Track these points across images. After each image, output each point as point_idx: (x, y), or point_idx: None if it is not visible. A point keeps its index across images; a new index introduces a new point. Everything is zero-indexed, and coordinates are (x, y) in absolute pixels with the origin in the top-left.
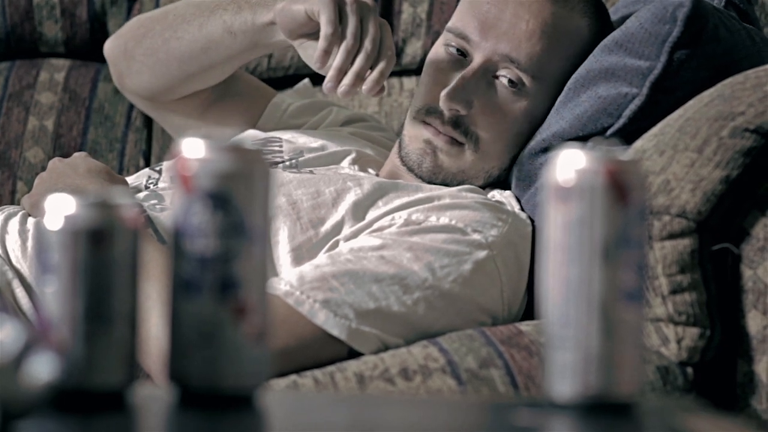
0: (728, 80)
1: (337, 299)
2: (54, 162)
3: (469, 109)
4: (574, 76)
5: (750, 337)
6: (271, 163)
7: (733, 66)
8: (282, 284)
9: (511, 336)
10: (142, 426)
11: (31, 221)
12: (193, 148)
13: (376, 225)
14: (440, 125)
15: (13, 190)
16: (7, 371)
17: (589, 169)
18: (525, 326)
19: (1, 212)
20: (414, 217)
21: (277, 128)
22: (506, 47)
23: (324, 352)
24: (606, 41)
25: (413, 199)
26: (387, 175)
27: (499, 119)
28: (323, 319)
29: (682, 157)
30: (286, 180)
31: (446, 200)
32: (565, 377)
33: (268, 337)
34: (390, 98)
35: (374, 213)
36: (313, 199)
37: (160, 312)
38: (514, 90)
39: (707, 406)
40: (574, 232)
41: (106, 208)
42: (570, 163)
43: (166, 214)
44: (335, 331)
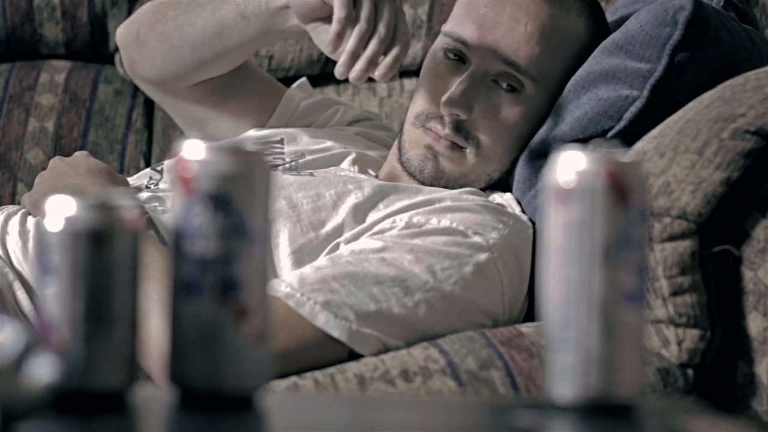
0: (728, 82)
1: (338, 301)
2: (55, 161)
3: (470, 113)
4: (574, 78)
5: (750, 338)
6: (272, 166)
7: (733, 68)
8: (283, 286)
9: (511, 337)
10: (142, 427)
11: (32, 221)
12: (194, 149)
13: (377, 228)
14: (441, 130)
15: (14, 191)
16: (7, 373)
17: (589, 171)
18: (525, 328)
19: (0, 212)
20: (415, 219)
21: (287, 126)
22: (505, 51)
23: (324, 353)
24: (606, 43)
25: (414, 201)
26: (386, 176)
27: (500, 122)
28: (324, 320)
29: (682, 159)
30: (286, 183)
31: (447, 203)
32: (566, 379)
33: (268, 338)
34: (390, 99)
35: (375, 216)
36: (313, 202)
37: (160, 312)
38: (514, 93)
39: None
40: (575, 234)
41: (106, 210)
42: (570, 165)
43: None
44: (336, 333)
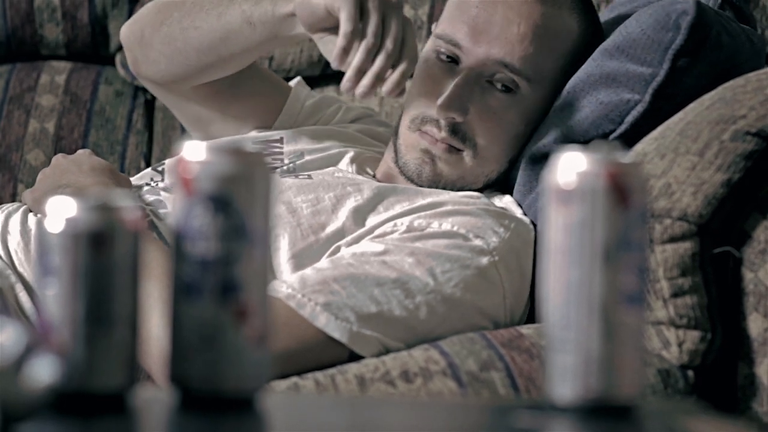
0: (729, 83)
1: (339, 302)
2: (58, 158)
3: (466, 115)
4: (573, 80)
5: (751, 339)
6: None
7: (734, 70)
8: (284, 287)
9: (511, 339)
10: (142, 429)
11: (33, 220)
12: (194, 150)
13: (378, 231)
14: (437, 133)
15: (14, 192)
16: (7, 374)
17: (590, 172)
18: (526, 329)
19: (0, 211)
20: (416, 223)
21: (294, 126)
22: (499, 52)
23: (325, 355)
24: (607, 45)
25: (416, 205)
26: (383, 176)
27: (496, 124)
28: (324, 322)
29: (683, 161)
30: (284, 186)
31: (449, 207)
32: (566, 380)
33: (269, 339)
34: (390, 99)
35: (375, 218)
36: (312, 206)
37: (161, 311)
38: (509, 94)
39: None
40: (575, 235)
41: (107, 211)
42: (571, 166)
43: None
44: (336, 334)
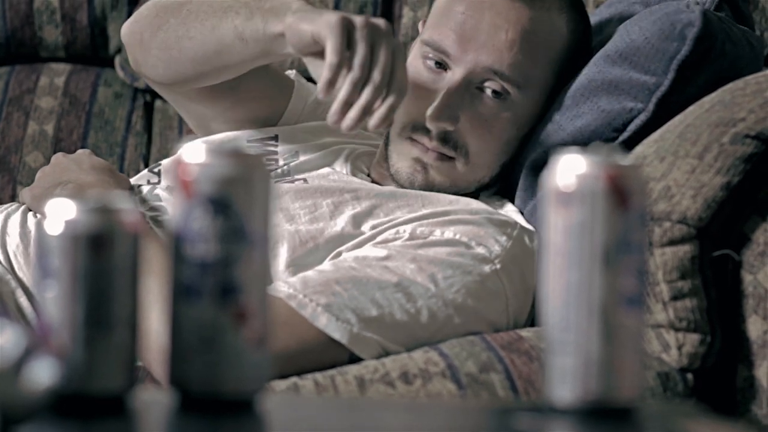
0: (728, 86)
1: (340, 304)
2: (58, 157)
3: (456, 123)
4: (575, 85)
5: (750, 342)
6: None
7: (735, 76)
8: (285, 287)
9: (511, 341)
10: (142, 431)
11: (32, 221)
12: (193, 152)
13: (380, 237)
14: (428, 142)
15: (13, 194)
16: (7, 376)
17: (589, 174)
18: (525, 332)
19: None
20: (419, 231)
21: (297, 123)
22: (488, 59)
23: (325, 356)
24: (609, 52)
25: (419, 214)
26: (378, 176)
27: (487, 130)
28: (325, 322)
29: (682, 164)
30: (281, 192)
31: (451, 216)
32: (565, 382)
33: (268, 341)
34: None
35: (376, 222)
36: (310, 213)
37: (161, 307)
38: (500, 100)
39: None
40: (575, 237)
41: (106, 213)
42: (570, 168)
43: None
44: (336, 335)
